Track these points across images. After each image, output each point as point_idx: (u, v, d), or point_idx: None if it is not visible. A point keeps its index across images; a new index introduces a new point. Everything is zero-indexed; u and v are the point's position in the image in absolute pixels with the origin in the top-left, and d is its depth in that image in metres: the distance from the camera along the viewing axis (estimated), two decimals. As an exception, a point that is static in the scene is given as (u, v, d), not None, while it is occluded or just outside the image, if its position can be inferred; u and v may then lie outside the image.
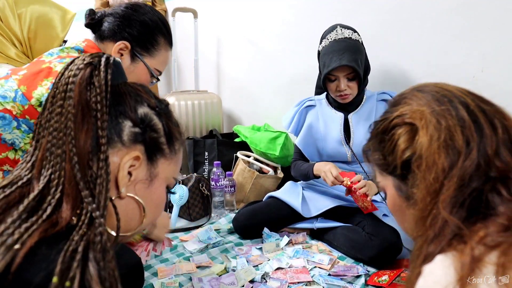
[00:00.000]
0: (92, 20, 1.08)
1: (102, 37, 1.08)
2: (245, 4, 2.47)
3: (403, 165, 0.57)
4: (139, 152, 0.55)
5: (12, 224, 0.45)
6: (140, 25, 1.07)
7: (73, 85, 0.51)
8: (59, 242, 0.44)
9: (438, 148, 0.51)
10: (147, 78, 1.13)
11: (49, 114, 0.52)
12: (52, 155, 0.50)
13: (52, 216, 0.47)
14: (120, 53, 1.07)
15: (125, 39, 1.06)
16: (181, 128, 0.63)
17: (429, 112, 0.54)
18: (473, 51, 1.48)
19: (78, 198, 0.48)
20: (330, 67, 1.46)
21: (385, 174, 0.61)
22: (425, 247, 0.50)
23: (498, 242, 0.44)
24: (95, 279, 0.43)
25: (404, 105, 0.58)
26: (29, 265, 0.42)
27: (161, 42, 1.12)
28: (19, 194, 0.49)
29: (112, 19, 1.07)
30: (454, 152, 0.51)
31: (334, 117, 1.63)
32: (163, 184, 0.60)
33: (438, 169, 0.51)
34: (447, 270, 0.44)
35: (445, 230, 0.48)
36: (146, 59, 1.10)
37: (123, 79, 0.59)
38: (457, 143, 0.51)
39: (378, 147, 0.61)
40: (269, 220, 1.61)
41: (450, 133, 0.52)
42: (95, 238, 0.46)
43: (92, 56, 0.54)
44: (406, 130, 0.56)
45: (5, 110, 0.94)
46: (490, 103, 0.55)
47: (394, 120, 0.58)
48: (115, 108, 0.54)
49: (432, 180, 0.51)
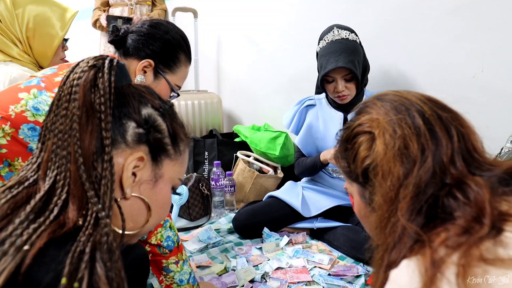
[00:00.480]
0: (116, 37, 1.10)
1: (126, 54, 1.11)
2: (245, 4, 2.47)
3: (363, 173, 0.57)
4: (143, 152, 0.55)
5: (20, 225, 0.45)
6: (163, 43, 1.09)
7: (78, 87, 0.52)
8: (67, 243, 0.45)
9: (393, 156, 0.52)
10: (167, 94, 1.15)
11: (54, 116, 0.53)
12: (57, 156, 0.51)
13: (59, 217, 0.47)
14: (144, 71, 1.09)
15: (148, 56, 1.09)
16: (186, 129, 0.63)
17: (385, 121, 0.55)
18: (473, 51, 1.48)
19: (84, 198, 0.49)
20: (327, 69, 1.46)
21: (350, 181, 0.63)
22: (386, 255, 0.50)
23: (459, 243, 0.44)
24: (103, 279, 0.43)
25: (365, 114, 0.59)
26: (38, 266, 0.42)
27: (182, 59, 1.14)
28: (26, 194, 0.50)
29: (136, 36, 1.09)
30: (409, 161, 0.51)
31: (333, 116, 1.63)
32: (168, 185, 0.60)
33: (393, 177, 0.52)
34: (412, 274, 0.45)
35: (405, 237, 0.48)
36: (168, 76, 1.12)
37: (127, 81, 0.59)
38: (412, 151, 0.52)
39: (344, 155, 0.63)
40: (269, 220, 1.61)
41: (405, 142, 0.52)
42: (101, 239, 0.46)
43: (96, 58, 0.55)
44: (366, 138, 0.57)
45: (36, 122, 0.94)
46: (449, 109, 0.56)
47: (356, 128, 0.60)
48: (119, 109, 0.55)
49: (388, 188, 0.52)
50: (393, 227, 0.50)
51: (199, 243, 1.54)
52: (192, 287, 1.12)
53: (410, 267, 0.46)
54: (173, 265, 1.09)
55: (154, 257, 1.08)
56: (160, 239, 1.06)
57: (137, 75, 1.09)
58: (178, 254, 1.09)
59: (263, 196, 1.82)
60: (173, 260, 1.09)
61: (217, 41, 2.75)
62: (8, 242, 0.43)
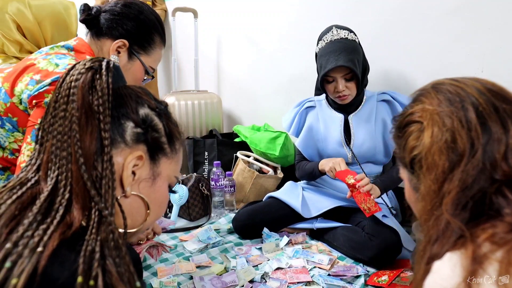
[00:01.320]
0: (88, 16, 1.07)
1: (98, 34, 1.08)
2: (245, 4, 2.47)
3: (410, 162, 0.58)
4: (141, 151, 0.57)
5: (29, 226, 0.47)
6: (138, 23, 1.07)
7: (76, 89, 0.53)
8: (76, 243, 0.47)
9: (439, 149, 0.51)
10: (142, 76, 1.13)
11: (52, 118, 0.54)
12: (57, 157, 0.52)
13: (65, 217, 0.48)
14: (117, 51, 1.07)
15: (122, 36, 1.06)
16: (180, 128, 0.65)
17: (436, 112, 0.54)
18: (473, 51, 1.48)
19: (86, 197, 0.50)
20: (327, 68, 1.45)
21: (402, 167, 0.63)
22: (428, 248, 0.50)
23: (506, 240, 0.44)
24: (115, 276, 0.45)
25: (419, 103, 0.59)
26: (52, 266, 0.44)
27: (157, 41, 1.12)
28: (31, 194, 0.51)
29: (110, 16, 1.06)
30: (456, 155, 0.50)
31: (334, 118, 1.62)
32: (165, 183, 0.62)
33: (438, 170, 0.51)
34: (454, 268, 0.45)
35: (448, 231, 0.48)
36: (142, 57, 1.10)
37: (122, 82, 0.61)
38: (460, 146, 0.50)
39: (397, 142, 0.63)
40: (268, 220, 1.61)
41: (453, 135, 0.51)
42: (107, 237, 0.48)
43: (92, 60, 0.56)
44: (416, 128, 0.57)
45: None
46: (511, 100, 0.53)
47: (408, 117, 0.59)
48: (117, 110, 0.56)
49: (432, 181, 0.51)
50: (436, 220, 0.50)
51: (199, 243, 1.54)
52: None
53: (452, 260, 0.46)
54: None
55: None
56: None
57: (110, 55, 1.06)
58: None
59: (263, 196, 1.82)
60: None
61: (217, 41, 2.75)
62: (21, 244, 0.45)
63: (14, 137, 0.98)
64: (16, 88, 0.94)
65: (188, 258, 1.44)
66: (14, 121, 0.96)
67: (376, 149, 1.58)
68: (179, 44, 2.93)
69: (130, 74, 1.10)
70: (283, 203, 1.63)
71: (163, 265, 1.38)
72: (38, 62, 0.98)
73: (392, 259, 1.37)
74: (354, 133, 1.59)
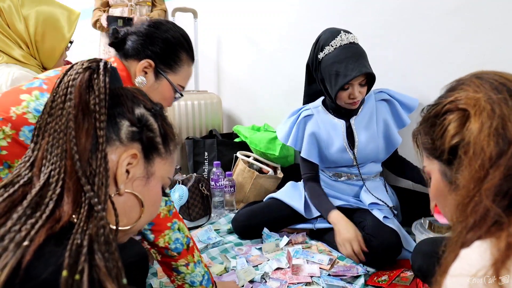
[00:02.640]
0: (116, 39, 1.09)
1: (126, 56, 1.09)
2: (245, 4, 2.47)
3: (450, 150, 0.57)
4: (136, 150, 0.58)
5: (18, 220, 0.47)
6: (162, 42, 1.07)
7: (73, 88, 0.54)
8: (64, 237, 0.47)
9: (488, 135, 0.51)
10: (171, 95, 1.12)
11: (48, 117, 0.55)
12: (51, 154, 0.52)
13: (55, 211, 0.49)
14: (144, 71, 1.07)
15: (148, 57, 1.07)
16: (175, 130, 0.66)
17: (484, 99, 0.54)
18: (473, 51, 1.48)
19: (79, 192, 0.50)
20: (350, 76, 1.39)
21: (432, 159, 0.62)
22: (464, 233, 0.50)
23: None
24: (103, 270, 0.45)
25: (460, 91, 0.58)
26: (37, 261, 0.44)
27: (183, 58, 1.11)
28: (22, 192, 0.51)
29: (136, 37, 1.08)
30: (505, 142, 0.50)
31: (335, 125, 1.59)
32: (159, 183, 0.63)
33: (485, 156, 0.51)
34: (483, 254, 0.45)
35: (486, 218, 0.48)
36: (170, 76, 1.10)
37: (119, 84, 0.62)
38: (510, 132, 0.51)
39: (429, 131, 0.62)
40: (268, 221, 1.60)
41: (503, 122, 0.51)
42: (98, 231, 0.48)
43: (90, 61, 0.57)
44: (458, 116, 0.56)
45: None
46: None
47: (448, 105, 0.59)
48: (113, 109, 0.57)
49: (478, 167, 0.51)
50: (475, 207, 0.50)
51: (199, 243, 1.54)
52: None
53: (482, 247, 0.46)
54: (183, 267, 1.05)
55: (163, 258, 1.06)
56: (168, 242, 1.03)
57: (137, 76, 1.07)
58: (188, 256, 1.06)
59: (263, 196, 1.81)
60: (182, 262, 1.05)
61: (217, 41, 2.75)
62: (7, 238, 0.45)
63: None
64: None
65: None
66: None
67: (379, 149, 1.58)
68: (179, 44, 2.92)
69: (159, 93, 1.10)
70: (283, 203, 1.62)
71: (163, 265, 1.38)
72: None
73: (392, 259, 1.37)
74: (357, 136, 1.57)
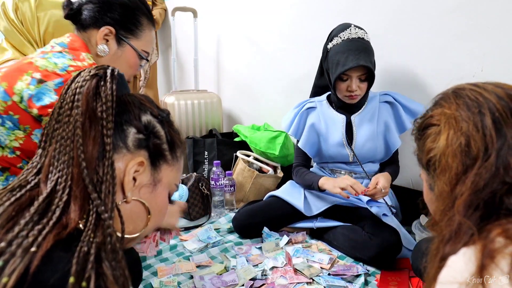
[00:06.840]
0: (71, 11, 1.06)
1: (84, 26, 1.06)
2: (245, 3, 2.47)
3: (427, 163, 0.60)
4: (143, 157, 0.58)
5: (25, 226, 0.47)
6: (121, 7, 1.06)
7: (80, 95, 0.54)
8: (71, 244, 0.47)
9: (453, 152, 0.53)
10: (136, 61, 1.11)
11: (56, 123, 0.55)
12: (59, 161, 0.53)
13: (61, 218, 0.49)
14: (105, 39, 1.05)
15: (108, 24, 1.05)
16: (181, 136, 0.66)
17: (454, 116, 0.56)
18: (473, 51, 1.48)
19: (85, 200, 0.50)
20: (347, 66, 1.42)
21: (420, 167, 0.65)
22: (441, 247, 0.51)
23: None
24: (110, 279, 0.46)
25: (438, 107, 0.61)
26: (45, 267, 0.44)
27: (144, 23, 1.10)
28: (29, 197, 0.51)
29: (91, 6, 1.05)
30: (470, 158, 0.52)
31: (335, 119, 1.61)
32: (165, 190, 0.63)
33: (451, 172, 0.53)
34: (467, 261, 0.46)
35: (460, 232, 0.50)
36: (132, 41, 1.09)
37: (126, 90, 0.62)
38: (474, 150, 0.52)
39: (416, 142, 0.65)
40: (268, 220, 1.61)
41: (468, 139, 0.53)
42: (105, 240, 0.48)
43: (97, 68, 0.58)
44: (434, 131, 0.59)
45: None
46: None
47: (427, 120, 0.61)
48: (120, 116, 0.57)
49: (444, 183, 0.53)
50: (449, 221, 0.52)
51: (199, 242, 1.54)
52: None
53: (466, 255, 0.47)
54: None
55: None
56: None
57: (98, 45, 1.04)
58: None
59: (262, 195, 1.81)
60: None
61: (217, 40, 2.75)
62: (15, 244, 0.45)
63: (15, 135, 0.98)
64: (16, 86, 0.95)
65: (188, 257, 1.44)
66: (15, 119, 0.96)
67: (377, 150, 1.58)
68: (179, 44, 2.93)
69: (123, 60, 1.08)
70: (283, 202, 1.63)
71: (163, 264, 1.38)
72: (35, 60, 0.99)
73: (392, 258, 1.37)
74: (356, 133, 1.58)
